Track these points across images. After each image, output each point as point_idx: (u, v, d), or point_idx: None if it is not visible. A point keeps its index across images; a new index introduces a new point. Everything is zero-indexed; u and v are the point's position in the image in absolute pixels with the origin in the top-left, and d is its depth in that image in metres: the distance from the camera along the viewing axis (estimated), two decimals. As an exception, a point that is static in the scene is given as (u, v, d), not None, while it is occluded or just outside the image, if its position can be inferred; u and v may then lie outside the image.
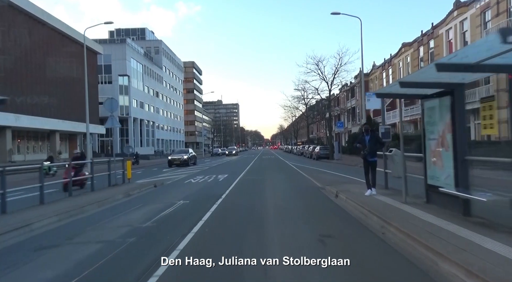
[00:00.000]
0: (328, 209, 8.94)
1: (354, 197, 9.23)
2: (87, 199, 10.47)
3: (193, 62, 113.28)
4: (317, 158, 37.65)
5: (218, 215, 8.29)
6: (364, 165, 9.97)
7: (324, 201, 10.13)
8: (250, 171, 22.44)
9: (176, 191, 13.24)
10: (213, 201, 10.03)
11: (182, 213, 8.74)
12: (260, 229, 6.80)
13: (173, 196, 11.53)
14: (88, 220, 8.20)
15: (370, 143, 9.45)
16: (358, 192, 10.12)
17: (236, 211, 8.79)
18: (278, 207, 9.24)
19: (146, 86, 69.98)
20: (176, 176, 20.19)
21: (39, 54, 37.59)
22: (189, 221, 7.48)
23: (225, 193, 11.72)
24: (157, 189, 13.87)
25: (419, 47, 35.89)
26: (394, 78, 42.83)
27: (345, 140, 52.29)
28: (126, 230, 7.05)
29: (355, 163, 27.40)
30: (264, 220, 7.66)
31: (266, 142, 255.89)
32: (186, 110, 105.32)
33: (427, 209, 7.32)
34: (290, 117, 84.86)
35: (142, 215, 8.45)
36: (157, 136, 75.84)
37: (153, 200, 10.86)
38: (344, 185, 12.43)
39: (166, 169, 27.97)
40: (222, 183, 15.57)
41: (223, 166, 29.90)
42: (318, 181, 14.57)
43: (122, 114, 60.68)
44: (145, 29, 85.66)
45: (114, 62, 60.18)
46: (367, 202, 8.39)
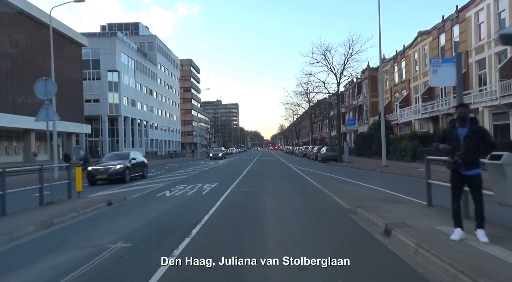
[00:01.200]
0: (386, 272, 4.60)
1: (437, 248, 4.70)
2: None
3: (190, 60, 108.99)
4: (323, 161, 33.35)
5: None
6: (453, 182, 5.33)
7: (367, 246, 5.66)
8: (246, 178, 18.14)
9: (132, 215, 8.94)
10: (175, 241, 5.79)
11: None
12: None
13: (116, 229, 7.24)
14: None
15: (468, 142, 4.99)
16: (428, 227, 5.80)
17: (209, 276, 4.47)
18: (289, 264, 4.91)
19: (138, 83, 65.69)
20: (151, 185, 15.91)
21: (8, 43, 33.23)
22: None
23: (201, 221, 7.45)
24: (106, 211, 9.56)
25: (439, 34, 31.59)
26: (408, 72, 38.56)
27: (350, 140, 47.95)
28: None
29: (371, 167, 23.06)
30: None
31: (266, 143, 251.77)
32: (183, 109, 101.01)
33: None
34: (291, 115, 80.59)
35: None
36: (150, 136, 71.54)
37: (74, 240, 6.53)
38: (386, 206, 8.13)
39: (148, 175, 23.68)
40: (205, 197, 11.30)
41: (215, 171, 25.60)
42: (339, 197, 10.27)
43: (111, 112, 56.46)
44: (138, 23, 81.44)
45: (103, 56, 55.89)
46: (480, 268, 4.03)
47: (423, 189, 7.95)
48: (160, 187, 15.08)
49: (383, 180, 16.13)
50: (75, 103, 43.53)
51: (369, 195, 10.65)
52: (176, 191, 13.22)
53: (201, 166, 33.34)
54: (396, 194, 10.75)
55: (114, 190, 14.57)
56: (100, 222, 8.12)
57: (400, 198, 10.03)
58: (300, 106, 60.94)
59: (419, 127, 34.72)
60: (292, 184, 14.96)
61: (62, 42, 41.57)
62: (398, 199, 9.81)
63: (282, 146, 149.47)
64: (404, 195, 10.43)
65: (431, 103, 31.19)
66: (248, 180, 16.90)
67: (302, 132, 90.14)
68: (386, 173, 19.50)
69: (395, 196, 10.53)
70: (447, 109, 28.30)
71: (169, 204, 10.33)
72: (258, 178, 18.21)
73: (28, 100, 35.51)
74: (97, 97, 56.00)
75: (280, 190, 12.82)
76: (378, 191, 11.79)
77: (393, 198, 10.13)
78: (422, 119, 32.90)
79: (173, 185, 15.56)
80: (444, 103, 29.18)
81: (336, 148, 33.16)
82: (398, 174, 18.49)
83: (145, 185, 16.28)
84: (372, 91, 50.11)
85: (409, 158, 28.01)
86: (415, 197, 9.75)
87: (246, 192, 12.27)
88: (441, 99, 30.71)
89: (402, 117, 37.17)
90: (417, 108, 34.20)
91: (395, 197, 10.24)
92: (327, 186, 13.15)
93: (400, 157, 29.02)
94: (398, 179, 16.56)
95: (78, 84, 45.17)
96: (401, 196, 10.37)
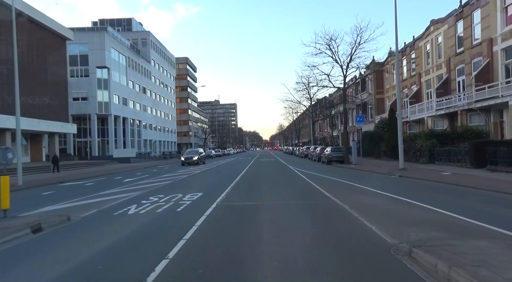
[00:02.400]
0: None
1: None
2: None
3: (186, 58, 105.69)
4: (328, 162, 30.17)
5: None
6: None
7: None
8: (240, 185, 14.98)
9: (53, 255, 5.76)
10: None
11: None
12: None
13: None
14: None
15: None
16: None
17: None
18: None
19: (130, 81, 62.42)
20: (122, 195, 12.76)
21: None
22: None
23: (149, 278, 4.27)
24: (20, 245, 6.38)
25: (456, 22, 28.46)
26: (418, 65, 35.44)
27: (353, 139, 44.73)
28: None
29: (386, 170, 19.86)
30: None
31: (264, 143, 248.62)
32: (179, 109, 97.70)
33: None
34: (291, 113, 77.34)
35: None
36: (144, 136, 68.26)
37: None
38: (463, 244, 4.94)
39: (129, 179, 20.54)
40: (177, 219, 8.15)
41: (206, 175, 22.43)
42: (368, 218, 7.14)
43: (101, 111, 53.20)
44: (131, 19, 78.25)
45: (92, 52, 52.66)
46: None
47: (479, 205, 4.84)
48: (131, 197, 11.93)
49: (410, 188, 12.97)
50: (58, 100, 40.27)
51: (409, 214, 7.49)
52: (145, 205, 10.04)
53: (193, 168, 30.18)
54: (450, 215, 7.53)
55: (72, 203, 11.42)
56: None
57: (462, 223, 6.85)
58: (301, 103, 57.80)
59: (433, 125, 31.56)
60: (298, 195, 11.79)
61: (44, 35, 38.40)
62: (462, 226, 6.60)
63: (281, 146, 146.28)
64: (461, 216, 7.26)
65: (448, 98, 28.04)
66: (241, 188, 13.73)
67: (302, 131, 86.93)
68: (407, 178, 16.34)
69: (451, 218, 7.31)
70: (466, 104, 25.17)
71: (122, 231, 7.14)
72: (254, 185, 15.01)
73: (4, 96, 32.42)
74: (85, 95, 52.79)
75: (283, 205, 9.64)
76: (417, 207, 8.59)
77: (451, 222, 6.93)
78: (437, 116, 29.76)
79: (148, 195, 12.40)
80: (463, 97, 26.03)
81: (342, 148, 29.98)
82: (422, 180, 15.34)
83: (117, 194, 13.12)
84: (378, 87, 47.00)
85: (425, 159, 24.87)
86: (486, 221, 6.60)
87: (236, 209, 9.10)
88: (458, 93, 27.59)
89: (413, 114, 34.02)
90: (430, 104, 31.07)
91: (453, 221, 7.02)
92: (343, 198, 9.99)
93: (414, 158, 25.86)
94: (427, 186, 13.38)
95: (62, 80, 41.90)
96: (460, 218, 7.17)
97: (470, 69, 26.66)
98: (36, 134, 40.25)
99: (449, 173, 17.16)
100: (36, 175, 27.78)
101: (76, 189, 16.71)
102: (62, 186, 18.94)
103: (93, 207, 10.23)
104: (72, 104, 51.52)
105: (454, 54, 28.80)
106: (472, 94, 24.65)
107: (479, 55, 25.46)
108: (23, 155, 39.32)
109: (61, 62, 41.92)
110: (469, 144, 19.42)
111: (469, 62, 26.75)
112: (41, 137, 41.74)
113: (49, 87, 38.88)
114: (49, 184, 19.87)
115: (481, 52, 25.26)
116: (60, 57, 41.85)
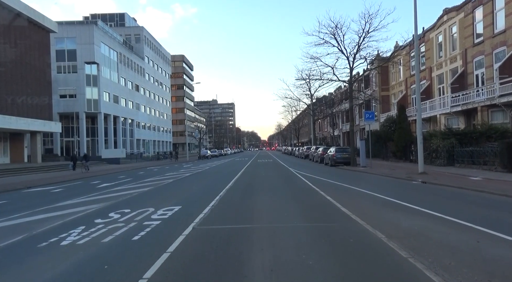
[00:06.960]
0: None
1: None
2: None
3: (182, 56, 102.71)
4: (332, 164, 27.40)
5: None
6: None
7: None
8: (230, 195, 12.21)
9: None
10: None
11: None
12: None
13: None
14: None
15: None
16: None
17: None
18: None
19: (122, 78, 59.49)
20: (77, 209, 9.99)
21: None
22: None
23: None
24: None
25: (474, 9, 25.72)
26: (429, 59, 32.72)
27: (361, 138, 41.99)
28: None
29: (403, 174, 16.94)
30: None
31: (262, 143, 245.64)
32: (175, 108, 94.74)
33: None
34: (290, 112, 74.50)
35: None
36: (137, 136, 65.33)
37: None
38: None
39: (106, 184, 17.75)
40: (128, 257, 5.36)
41: (193, 180, 19.63)
42: (419, 257, 4.37)
43: (90, 109, 50.28)
44: (124, 14, 75.42)
45: (80, 46, 49.79)
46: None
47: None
48: (86, 213, 9.16)
49: (448, 200, 10.19)
50: (41, 97, 37.37)
51: (486, 252, 4.66)
52: (96, 227, 7.26)
53: (183, 171, 27.39)
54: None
55: (7, 221, 8.64)
56: None
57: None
58: (301, 101, 54.98)
59: (446, 123, 28.82)
60: (305, 211, 9.01)
61: (23, 25, 35.52)
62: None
63: (279, 146, 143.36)
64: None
65: (465, 93, 25.31)
66: (231, 201, 10.94)
67: (301, 131, 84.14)
68: (433, 185, 13.56)
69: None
70: (488, 99, 22.46)
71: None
72: (248, 196, 12.17)
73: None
74: (73, 92, 49.92)
75: (287, 232, 6.82)
76: (487, 237, 5.79)
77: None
78: (452, 113, 27.02)
79: (111, 209, 9.62)
80: (484, 92, 23.30)
81: (348, 149, 27.19)
82: (452, 187, 12.58)
83: (75, 207, 10.34)
84: (383, 84, 44.30)
85: (442, 161, 22.13)
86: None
87: (218, 238, 6.25)
88: (477, 87, 24.87)
89: (424, 111, 31.24)
90: (443, 100, 28.33)
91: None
92: (369, 217, 7.23)
93: (429, 160, 23.10)
94: (467, 198, 10.61)
95: (46, 75, 38.98)
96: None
97: (491, 60, 23.95)
98: (16, 133, 37.37)
99: (480, 178, 14.44)
100: (13, 177, 24.96)
101: (35, 197, 13.91)
102: (24, 192, 16.13)
103: (27, 228, 7.46)
104: (59, 101, 48.63)
105: (472, 45, 26.07)
106: (494, 88, 21.94)
107: (503, 44, 22.74)
108: (2, 156, 36.47)
109: (44, 56, 38.99)
110: (501, 144, 16.67)
111: (490, 52, 24.03)
112: (23, 137, 38.86)
113: (30, 83, 36.00)
114: (11, 190, 17.05)
115: (505, 41, 22.55)
116: (43, 50, 38.93)
